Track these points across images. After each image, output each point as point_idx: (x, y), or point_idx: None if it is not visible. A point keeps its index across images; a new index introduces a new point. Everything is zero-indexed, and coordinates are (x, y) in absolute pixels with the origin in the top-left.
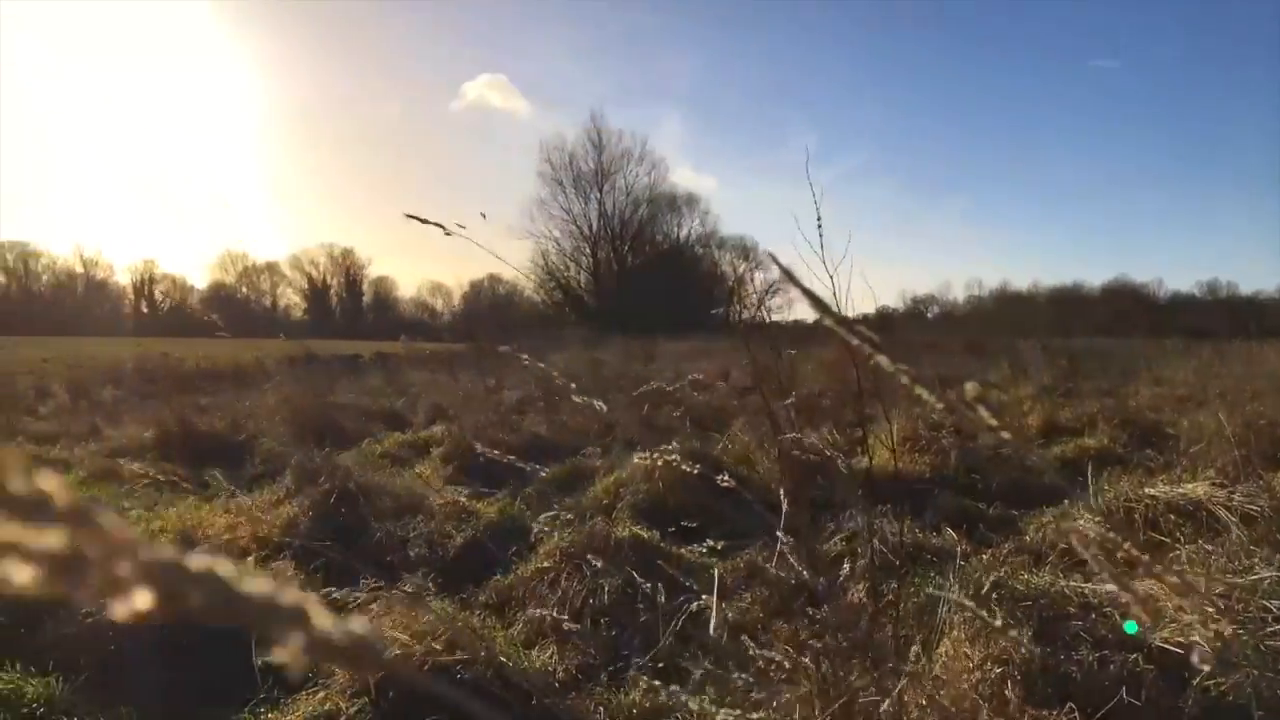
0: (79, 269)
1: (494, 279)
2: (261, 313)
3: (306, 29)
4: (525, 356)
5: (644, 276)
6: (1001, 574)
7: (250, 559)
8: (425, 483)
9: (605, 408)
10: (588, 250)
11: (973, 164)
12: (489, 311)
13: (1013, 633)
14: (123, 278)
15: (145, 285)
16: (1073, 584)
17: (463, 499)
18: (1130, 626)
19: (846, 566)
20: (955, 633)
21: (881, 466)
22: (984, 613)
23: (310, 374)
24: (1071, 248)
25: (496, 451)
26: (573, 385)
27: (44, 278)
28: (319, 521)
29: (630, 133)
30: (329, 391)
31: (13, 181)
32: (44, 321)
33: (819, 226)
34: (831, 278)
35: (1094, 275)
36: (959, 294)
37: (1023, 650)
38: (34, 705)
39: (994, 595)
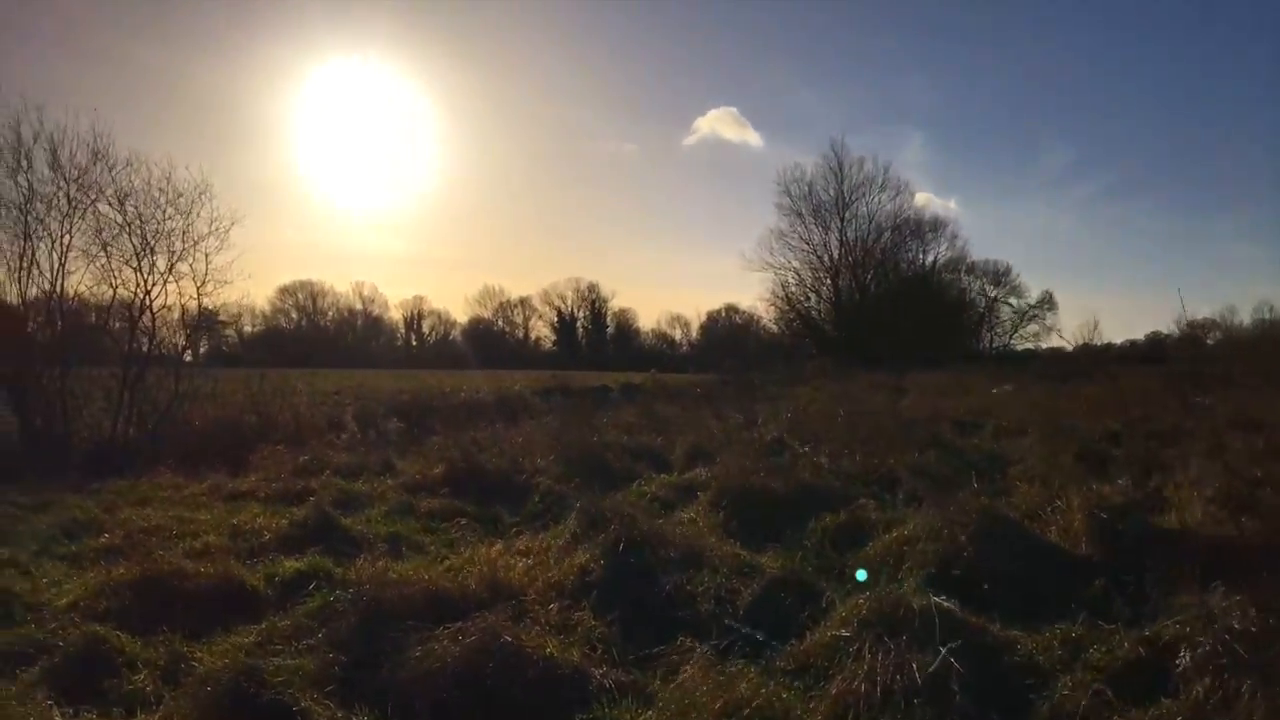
0: (358, 305)
1: (731, 309)
2: (515, 344)
3: (549, 74)
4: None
5: (888, 305)
6: None
7: (553, 607)
8: (700, 530)
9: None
10: (828, 280)
11: (1254, 174)
12: (727, 342)
13: None
14: (395, 313)
15: (415, 320)
16: None
17: (742, 551)
18: None
19: (1185, 655)
20: None
21: (1195, 527)
22: None
23: (566, 406)
24: None
25: (763, 498)
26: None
27: (329, 314)
28: (609, 570)
29: (872, 158)
30: (590, 428)
31: (305, 227)
32: (329, 355)
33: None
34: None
35: None
36: (1245, 317)
37: None
38: None
39: None
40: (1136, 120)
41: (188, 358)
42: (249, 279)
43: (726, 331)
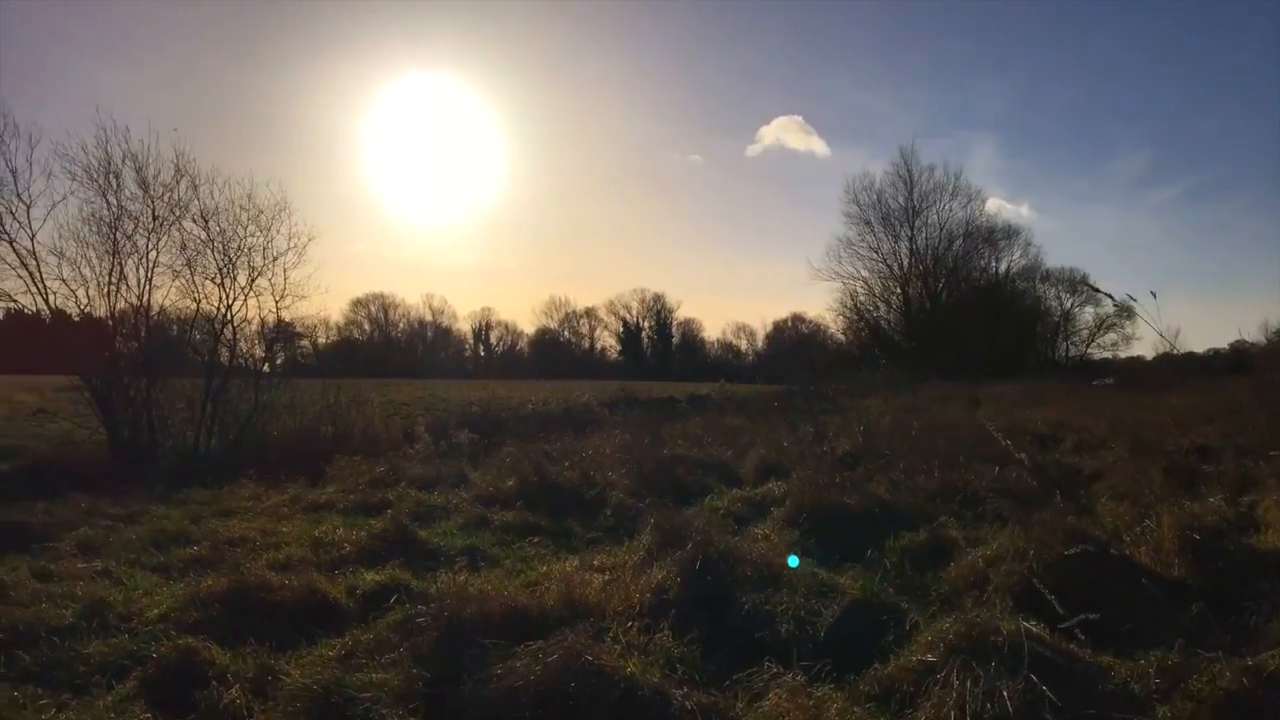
0: (428, 317)
1: (797, 318)
2: (581, 355)
3: (614, 87)
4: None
5: (960, 315)
6: None
7: (631, 625)
8: (776, 548)
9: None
10: (898, 289)
11: None
12: (793, 352)
13: None
14: (464, 324)
15: (483, 331)
16: None
17: (821, 571)
18: None
19: None
20: None
21: None
22: None
23: (634, 418)
24: None
25: (839, 515)
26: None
27: (400, 326)
28: (686, 588)
29: (942, 166)
30: (659, 440)
31: (377, 240)
32: (400, 365)
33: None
34: None
35: None
36: None
37: None
38: None
39: None
40: (1219, 121)
41: (265, 369)
42: (325, 293)
43: (793, 341)
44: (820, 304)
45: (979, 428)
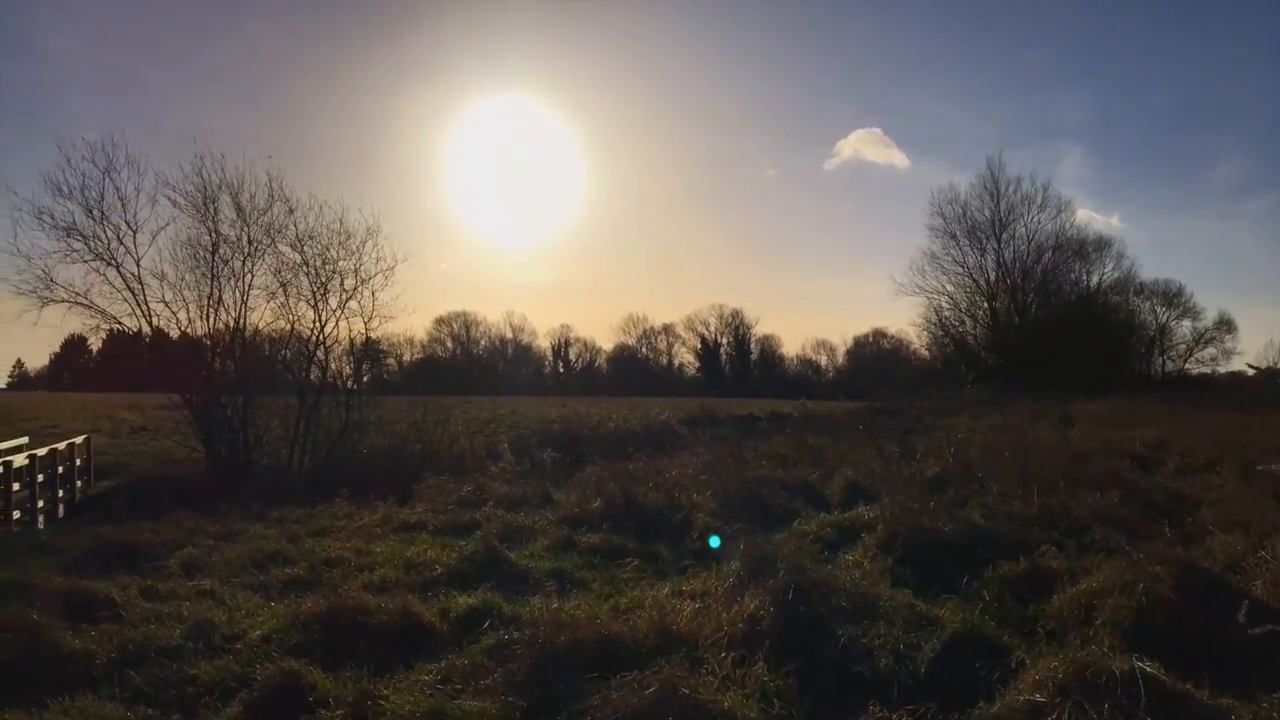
0: (509, 334)
1: (879, 334)
2: (659, 371)
3: (688, 102)
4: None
5: (1050, 330)
6: None
7: (725, 657)
8: (869, 576)
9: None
10: (984, 304)
11: None
12: (876, 368)
13: None
14: (543, 341)
15: (562, 347)
16: None
17: (917, 602)
18: None
19: None
20: None
21: None
22: None
23: (715, 437)
24: None
25: (933, 542)
26: None
27: (482, 343)
28: (779, 619)
29: (1030, 177)
30: (741, 460)
31: (459, 258)
32: (481, 382)
33: None
34: None
35: None
36: None
37: None
38: None
39: None
40: None
41: (351, 385)
42: (412, 314)
43: (874, 357)
44: (903, 319)
45: (1074, 448)
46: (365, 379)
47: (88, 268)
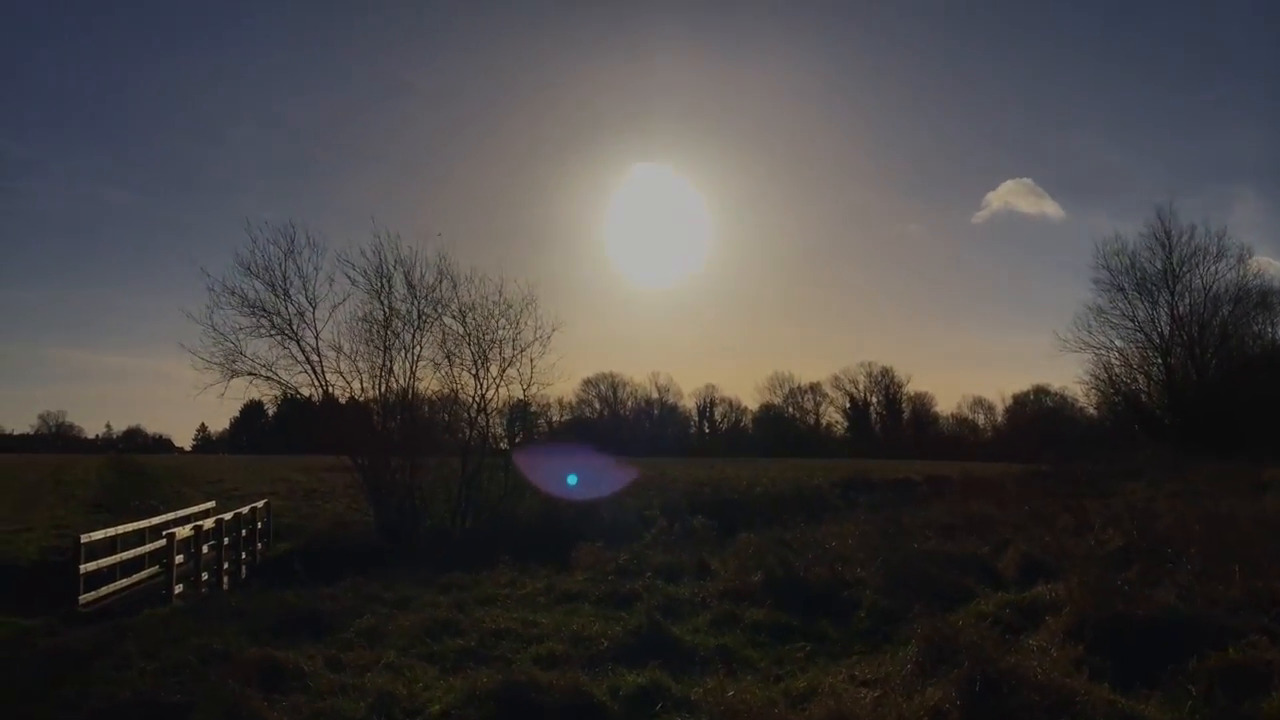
0: (654, 394)
1: (1040, 391)
2: (806, 430)
3: (830, 160)
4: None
5: (1234, 387)
6: None
7: None
8: (1060, 665)
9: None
10: (1158, 360)
11: None
12: (1038, 427)
13: None
14: (688, 401)
15: (707, 407)
16: None
17: (1117, 697)
18: None
19: None
20: None
21: None
22: None
23: (871, 503)
24: None
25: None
26: None
27: (628, 404)
28: (967, 714)
29: (1202, 225)
30: (903, 530)
31: (606, 320)
32: (629, 443)
33: None
34: None
35: None
36: None
37: None
38: None
39: None
40: None
41: (505, 445)
42: (566, 380)
43: (1036, 416)
44: (1066, 376)
45: (1276, 520)
46: (517, 440)
47: (271, 341)
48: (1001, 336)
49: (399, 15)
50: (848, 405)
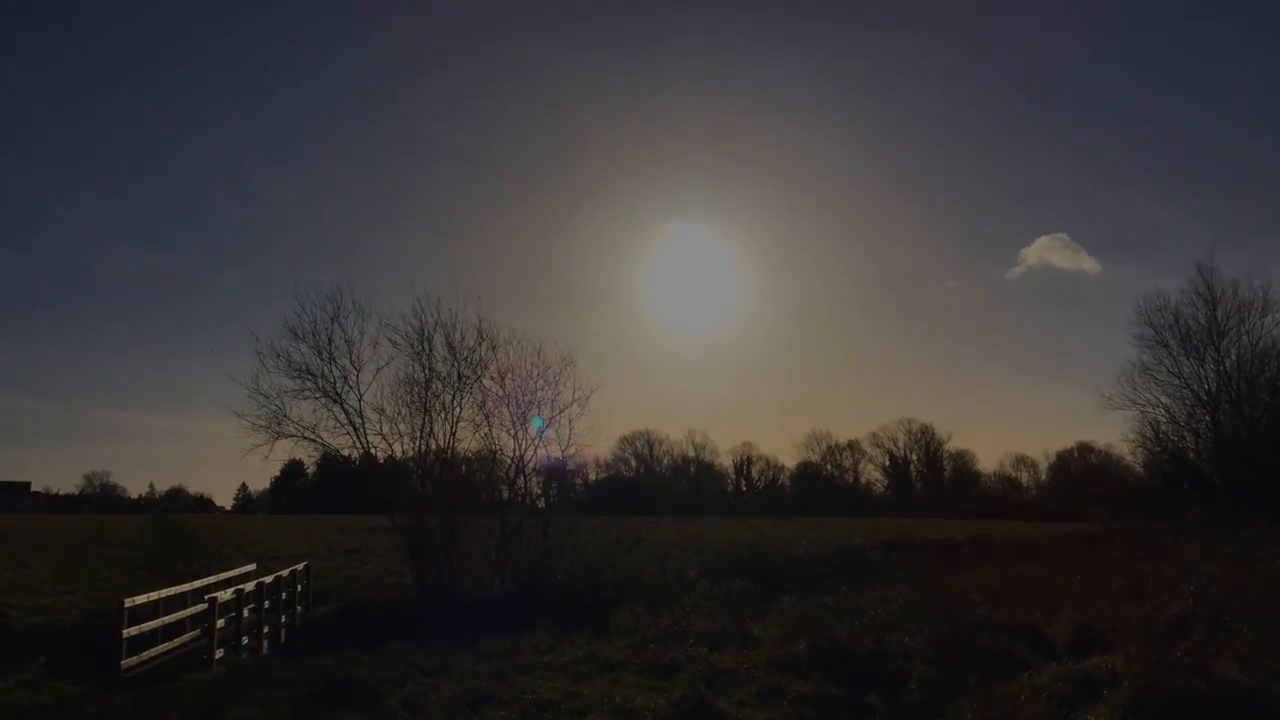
0: (691, 452)
1: (1084, 448)
2: (844, 488)
3: (865, 217)
4: None
5: None
6: None
7: None
8: None
9: None
10: (1206, 417)
11: None
12: (1083, 485)
13: None
14: (725, 459)
15: (744, 465)
16: None
17: None
18: None
19: None
20: None
21: None
22: None
23: (912, 565)
24: None
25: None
26: None
27: (664, 461)
28: None
29: (1248, 280)
30: (948, 595)
31: (642, 378)
32: (665, 500)
33: None
34: None
35: None
36: None
37: None
38: None
39: None
40: None
41: (541, 504)
42: (604, 441)
43: (1081, 474)
44: (1111, 433)
45: None
46: (553, 498)
47: (316, 404)
48: (1041, 392)
49: (435, 79)
50: (887, 463)
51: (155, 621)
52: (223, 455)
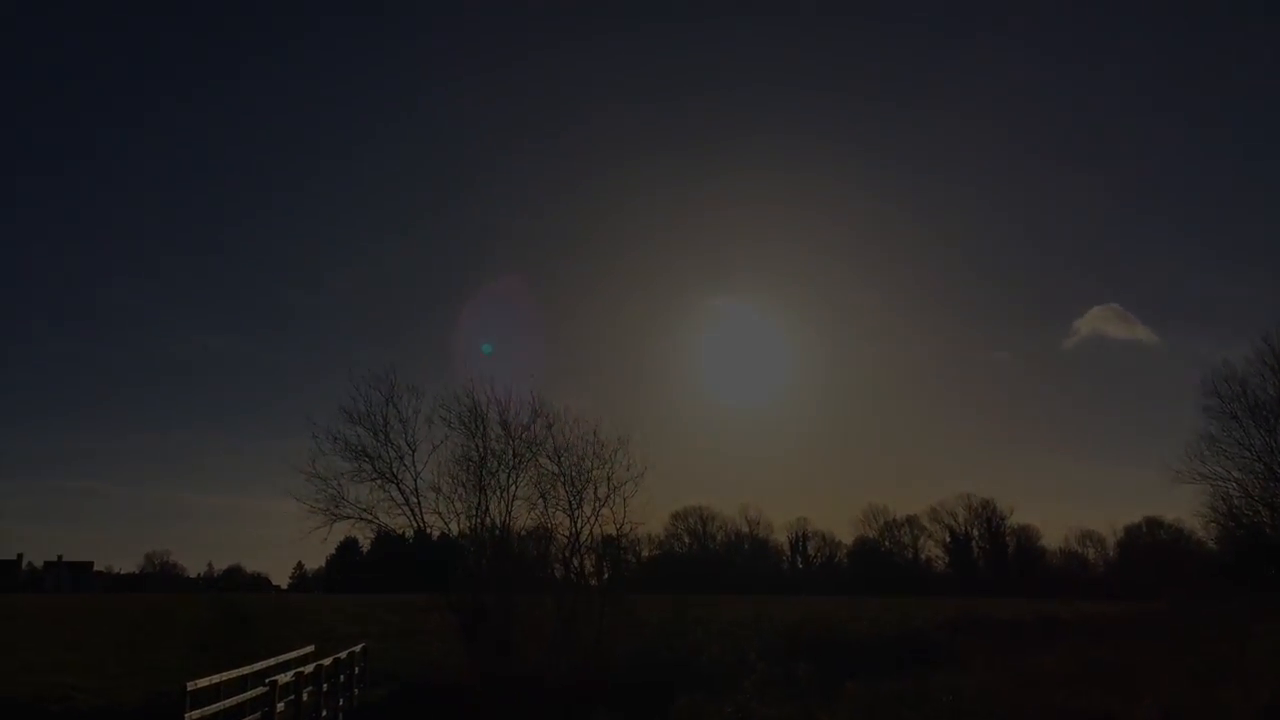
0: (745, 528)
1: (1153, 523)
2: (904, 565)
3: (915, 290)
4: None
5: None
6: None
7: None
8: None
9: None
10: None
11: None
12: (1152, 562)
13: None
14: (780, 535)
15: (800, 541)
16: None
17: None
18: None
19: None
20: None
21: None
22: None
23: (980, 648)
24: None
25: None
26: None
27: (718, 538)
28: None
29: None
30: (1021, 680)
31: (694, 452)
32: (719, 578)
33: None
34: None
35: None
36: None
37: None
38: None
39: None
40: None
41: (594, 583)
42: (658, 516)
43: (1150, 550)
44: (1182, 508)
45: None
46: (606, 576)
47: (373, 484)
48: (1103, 465)
49: (487, 164)
50: (948, 539)
51: (217, 705)
52: (279, 534)
